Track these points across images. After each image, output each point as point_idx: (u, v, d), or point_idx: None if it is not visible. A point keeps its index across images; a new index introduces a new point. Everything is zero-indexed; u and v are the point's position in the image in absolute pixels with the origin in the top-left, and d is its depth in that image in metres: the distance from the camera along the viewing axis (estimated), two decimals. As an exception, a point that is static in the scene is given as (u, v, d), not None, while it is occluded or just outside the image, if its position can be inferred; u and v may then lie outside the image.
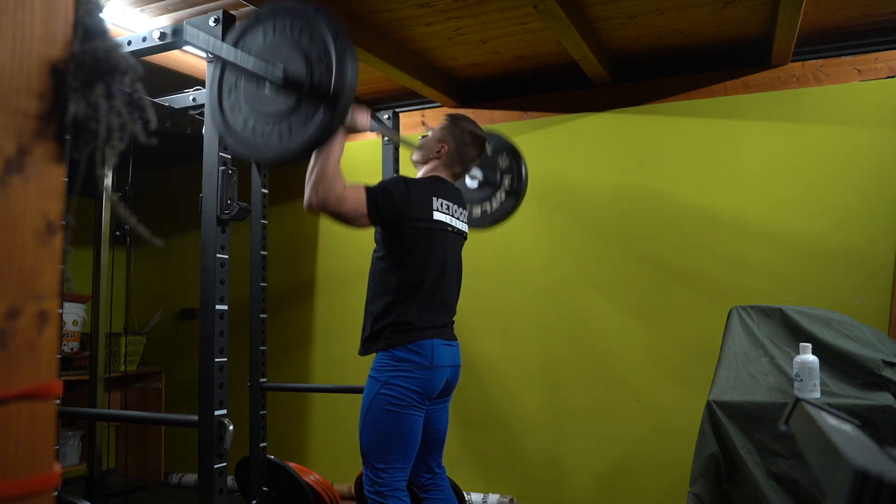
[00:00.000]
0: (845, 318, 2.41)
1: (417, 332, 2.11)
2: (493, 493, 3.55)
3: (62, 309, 3.65)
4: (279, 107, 1.70)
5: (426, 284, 2.15)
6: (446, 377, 2.18)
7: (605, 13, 2.91)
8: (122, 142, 0.59)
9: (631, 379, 3.39)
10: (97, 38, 0.57)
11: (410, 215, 2.11)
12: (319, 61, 1.65)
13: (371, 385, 2.11)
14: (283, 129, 1.69)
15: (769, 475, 2.07)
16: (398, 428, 2.07)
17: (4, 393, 0.51)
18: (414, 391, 2.07)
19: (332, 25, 1.65)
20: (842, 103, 3.13)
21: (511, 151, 2.99)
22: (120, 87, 0.58)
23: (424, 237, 2.15)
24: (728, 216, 3.28)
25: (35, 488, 0.52)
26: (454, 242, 2.30)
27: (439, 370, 2.13)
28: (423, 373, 2.09)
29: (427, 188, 2.20)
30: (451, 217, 2.27)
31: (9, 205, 0.52)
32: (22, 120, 0.53)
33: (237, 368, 3.54)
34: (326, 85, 1.63)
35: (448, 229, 2.24)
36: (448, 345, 2.20)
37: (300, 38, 1.68)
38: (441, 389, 2.18)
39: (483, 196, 3.03)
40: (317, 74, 1.64)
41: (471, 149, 2.32)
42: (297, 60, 1.67)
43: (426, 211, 2.16)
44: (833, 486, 0.58)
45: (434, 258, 2.17)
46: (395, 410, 2.06)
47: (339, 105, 1.62)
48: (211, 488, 1.95)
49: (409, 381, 2.07)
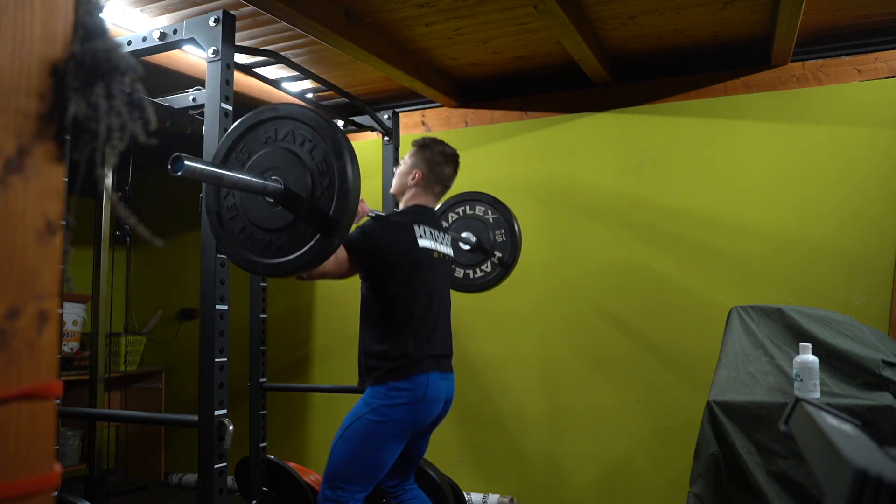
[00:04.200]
0: (845, 318, 2.41)
1: (414, 365, 2.09)
2: (493, 493, 3.55)
3: (62, 309, 3.65)
4: (277, 221, 1.62)
5: (417, 315, 2.14)
6: (437, 412, 2.17)
7: (605, 13, 2.91)
8: (122, 142, 0.59)
9: (631, 379, 3.39)
10: (97, 38, 0.57)
11: (395, 250, 2.12)
12: (321, 176, 1.57)
13: (359, 407, 2.08)
14: (279, 244, 1.63)
15: (769, 475, 2.07)
16: (373, 456, 2.04)
17: (4, 393, 0.51)
18: (401, 423, 2.05)
19: (336, 140, 1.56)
20: (842, 103, 3.13)
21: (510, 230, 3.00)
22: (120, 87, 0.58)
23: (412, 268, 2.15)
24: (728, 216, 3.28)
25: (35, 488, 0.52)
26: (442, 268, 2.31)
27: (432, 404, 2.12)
28: (415, 406, 2.07)
29: (406, 218, 2.23)
30: (435, 242, 2.27)
31: (9, 205, 0.52)
32: (22, 120, 0.53)
33: (237, 368, 3.55)
34: (326, 209, 1.55)
35: (434, 255, 2.25)
36: (444, 378, 2.19)
37: (303, 148, 1.60)
38: (431, 422, 2.17)
39: (472, 261, 3.04)
40: (317, 193, 1.57)
41: (444, 167, 2.32)
42: (298, 173, 1.59)
43: (410, 241, 2.17)
44: (833, 486, 0.58)
45: (424, 288, 2.17)
46: (377, 438, 2.04)
47: (336, 234, 1.56)
48: (211, 488, 1.95)
49: (399, 411, 2.05)
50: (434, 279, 2.22)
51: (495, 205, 3.04)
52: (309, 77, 2.66)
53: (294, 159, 1.60)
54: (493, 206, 3.04)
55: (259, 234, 1.65)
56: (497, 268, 3.00)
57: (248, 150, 1.67)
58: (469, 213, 3.08)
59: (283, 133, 1.63)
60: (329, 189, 1.56)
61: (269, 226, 1.63)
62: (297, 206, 1.59)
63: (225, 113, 2.00)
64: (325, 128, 1.58)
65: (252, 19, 2.88)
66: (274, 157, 1.63)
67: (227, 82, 2.02)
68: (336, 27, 2.78)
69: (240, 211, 1.68)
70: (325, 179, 1.57)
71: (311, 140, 1.60)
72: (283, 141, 1.63)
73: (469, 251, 3.03)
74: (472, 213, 3.07)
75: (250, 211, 1.66)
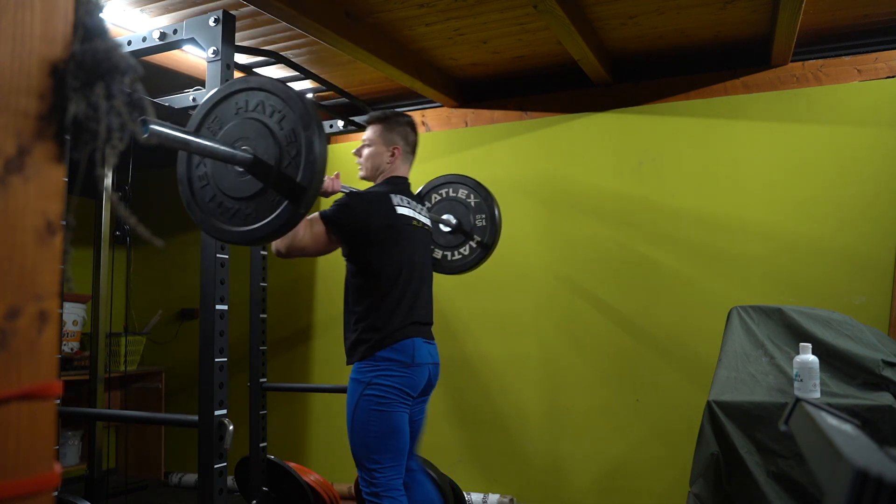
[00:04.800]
0: (845, 318, 2.41)
1: (398, 332, 2.13)
2: (493, 493, 3.55)
3: (62, 309, 3.65)
4: (245, 189, 1.66)
5: (399, 285, 2.17)
6: (428, 374, 2.22)
7: (605, 13, 2.91)
8: (122, 142, 0.59)
9: (631, 379, 3.39)
10: (97, 38, 0.57)
11: (373, 220, 2.15)
12: (289, 146, 1.60)
13: (354, 388, 2.12)
14: (247, 212, 1.66)
15: (769, 475, 2.07)
16: (386, 427, 2.08)
17: (4, 393, 0.51)
18: (398, 389, 2.10)
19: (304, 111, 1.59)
20: (842, 103, 3.13)
21: (490, 215, 3.02)
22: (120, 87, 0.58)
23: (392, 238, 2.18)
24: (728, 216, 3.28)
25: (35, 488, 0.52)
26: (422, 238, 2.33)
27: (421, 367, 2.17)
28: (406, 370, 2.12)
29: (382, 189, 2.27)
30: (413, 211, 2.30)
31: (9, 205, 0.52)
32: (22, 120, 0.53)
33: (237, 368, 3.54)
34: (293, 177, 1.59)
35: (413, 223, 2.28)
36: (427, 343, 2.24)
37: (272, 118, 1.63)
38: (423, 387, 2.21)
39: (451, 243, 3.06)
40: (285, 163, 1.60)
41: (412, 135, 2.37)
42: (267, 143, 1.62)
43: (388, 210, 2.20)
44: (833, 486, 0.58)
45: (404, 256, 2.20)
46: (382, 409, 2.08)
47: (303, 201, 1.59)
48: (211, 488, 1.95)
49: (392, 379, 2.09)
50: (414, 248, 2.25)
51: (477, 189, 3.05)
52: (309, 77, 2.67)
53: (264, 129, 1.63)
54: (475, 190, 3.05)
55: (228, 203, 1.68)
56: (476, 250, 3.01)
57: (220, 121, 1.70)
58: (452, 195, 3.09)
59: (254, 104, 1.66)
60: (296, 158, 1.59)
61: (239, 194, 1.66)
62: (267, 175, 1.62)
63: (225, 113, 1.99)
64: (293, 99, 1.61)
65: (252, 19, 2.88)
66: (244, 127, 1.66)
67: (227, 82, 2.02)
68: (336, 27, 2.78)
69: (210, 180, 1.71)
70: (292, 149, 1.60)
71: (281, 111, 1.62)
72: (254, 111, 1.66)
73: (449, 233, 3.04)
74: (455, 196, 3.08)
75: (220, 180, 1.69)
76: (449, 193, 3.09)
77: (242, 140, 1.65)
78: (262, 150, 1.62)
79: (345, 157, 4.16)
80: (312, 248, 2.09)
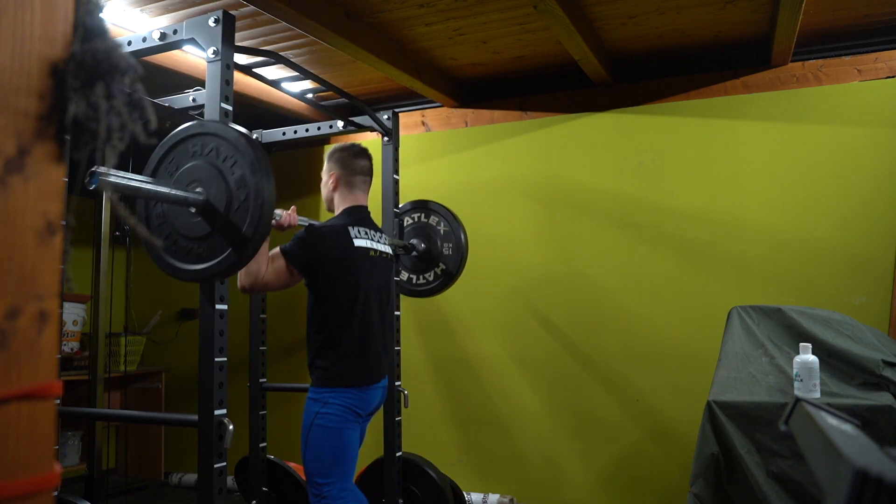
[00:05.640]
0: (845, 318, 2.41)
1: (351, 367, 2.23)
2: (494, 493, 3.55)
3: (62, 309, 3.65)
4: (198, 230, 1.72)
5: (356, 314, 2.25)
6: (379, 396, 2.34)
7: (605, 13, 2.91)
8: (122, 142, 0.59)
9: (631, 379, 3.39)
10: (97, 38, 0.57)
11: (330, 253, 2.21)
12: (239, 190, 1.67)
13: (310, 406, 2.22)
14: (199, 251, 1.73)
15: (769, 475, 2.07)
16: (337, 444, 2.19)
17: (4, 393, 0.51)
18: (349, 409, 2.21)
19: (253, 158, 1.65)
20: (842, 103, 3.13)
21: (457, 245, 3.10)
22: (120, 87, 0.58)
23: (348, 269, 2.24)
24: (728, 216, 3.28)
25: (35, 488, 0.52)
26: (381, 266, 2.39)
27: (373, 390, 2.28)
28: (359, 392, 2.23)
29: (340, 220, 2.33)
30: (371, 241, 2.35)
31: (9, 205, 0.52)
32: (22, 120, 0.53)
33: (237, 368, 3.54)
34: (241, 224, 1.66)
35: (371, 253, 2.33)
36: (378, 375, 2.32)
37: (224, 163, 1.70)
38: (374, 407, 2.33)
39: (418, 267, 3.16)
40: (234, 206, 1.67)
41: (357, 161, 2.41)
42: (219, 186, 1.69)
43: (344, 242, 2.25)
44: (833, 486, 0.58)
45: (361, 286, 2.26)
46: (334, 427, 2.18)
47: (246, 251, 1.66)
48: (211, 488, 1.95)
49: (345, 399, 2.20)
50: (371, 277, 2.31)
51: (447, 217, 3.14)
52: (309, 77, 2.66)
53: (216, 173, 1.71)
54: (445, 218, 3.14)
55: (182, 242, 1.76)
56: (440, 277, 3.11)
57: (176, 163, 1.78)
58: (423, 221, 3.18)
59: (209, 148, 1.74)
60: (245, 203, 1.66)
61: (191, 234, 1.74)
62: (215, 219, 1.70)
63: (225, 113, 1.99)
64: (244, 146, 1.69)
65: (252, 19, 2.88)
66: (199, 169, 1.73)
67: (227, 82, 2.02)
68: (336, 27, 2.78)
69: (166, 219, 1.78)
70: (242, 193, 1.67)
71: (232, 156, 1.70)
72: (208, 156, 1.73)
73: (416, 257, 3.15)
74: (426, 223, 3.17)
75: (175, 219, 1.76)
76: (420, 219, 3.18)
77: (197, 182, 1.73)
78: (214, 192, 1.69)
79: (345, 157, 4.16)
80: (275, 283, 2.16)
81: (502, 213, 3.70)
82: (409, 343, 3.76)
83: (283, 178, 3.86)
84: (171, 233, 1.77)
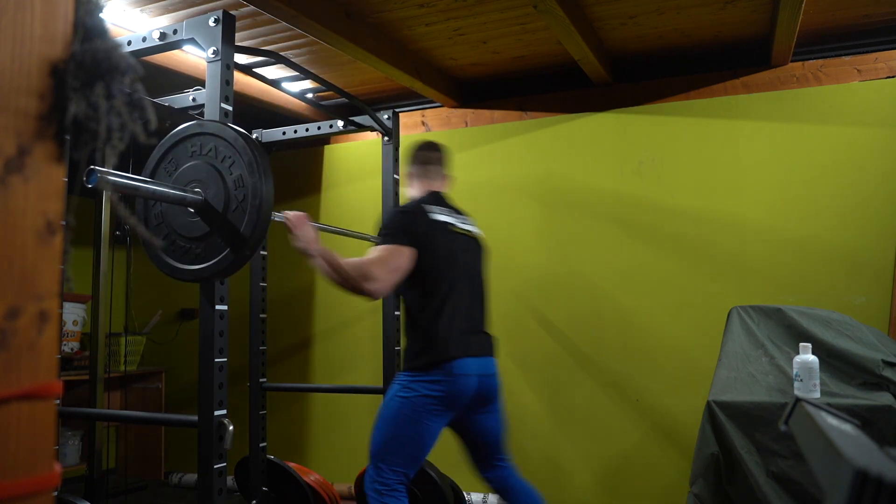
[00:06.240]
0: (845, 318, 2.41)
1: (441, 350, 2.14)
2: (494, 493, 3.54)
3: (62, 309, 3.65)
4: (196, 230, 1.73)
5: (444, 295, 2.20)
6: (473, 386, 2.18)
7: (605, 13, 2.91)
8: (122, 142, 0.59)
9: (631, 379, 3.38)
10: (97, 38, 0.57)
11: (416, 228, 2.21)
12: (237, 190, 1.68)
13: (395, 387, 2.18)
14: (197, 251, 1.73)
15: (769, 475, 2.07)
16: (411, 433, 2.12)
17: (4, 393, 0.51)
18: (434, 398, 2.11)
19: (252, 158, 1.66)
20: (842, 103, 3.13)
21: None
22: (120, 87, 0.58)
23: (432, 244, 2.21)
24: (728, 216, 3.28)
25: (35, 488, 0.52)
26: (465, 244, 2.35)
27: (462, 379, 2.14)
28: (445, 382, 2.12)
29: (417, 201, 2.34)
30: (450, 217, 2.34)
31: (9, 205, 0.52)
32: (22, 120, 0.53)
33: (237, 368, 3.54)
34: (238, 224, 1.67)
35: (450, 227, 2.30)
36: (473, 358, 2.21)
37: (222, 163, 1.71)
38: (472, 398, 2.19)
39: None
40: (232, 206, 1.67)
41: (428, 153, 2.48)
42: (217, 186, 1.69)
43: (423, 217, 2.24)
44: (833, 486, 0.58)
45: (447, 264, 2.23)
46: (412, 416, 2.11)
47: (244, 251, 1.66)
48: (211, 488, 1.95)
49: (430, 388, 2.12)
50: (457, 253, 2.28)
51: None
52: (309, 77, 2.66)
53: (215, 173, 1.71)
54: None
55: (181, 242, 1.76)
56: None
57: (175, 163, 1.78)
58: None
59: (207, 148, 1.74)
60: (243, 203, 1.67)
61: (190, 234, 1.74)
62: (213, 219, 1.70)
63: (225, 113, 2.00)
64: (242, 146, 1.69)
65: (252, 19, 2.88)
66: (198, 169, 1.74)
67: (227, 82, 2.02)
68: (336, 27, 2.78)
69: (165, 219, 1.79)
70: (240, 194, 1.68)
71: (231, 156, 1.70)
72: (207, 156, 1.74)
73: None
74: None
75: (174, 219, 1.77)
76: None
77: (196, 182, 1.73)
78: (212, 192, 1.70)
79: (344, 157, 4.16)
80: (405, 268, 2.13)
81: (502, 213, 3.69)
82: (409, 343, 3.76)
83: (283, 178, 3.87)
84: (170, 233, 1.77)
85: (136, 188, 1.59)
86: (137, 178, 1.62)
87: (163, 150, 1.81)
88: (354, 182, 4.09)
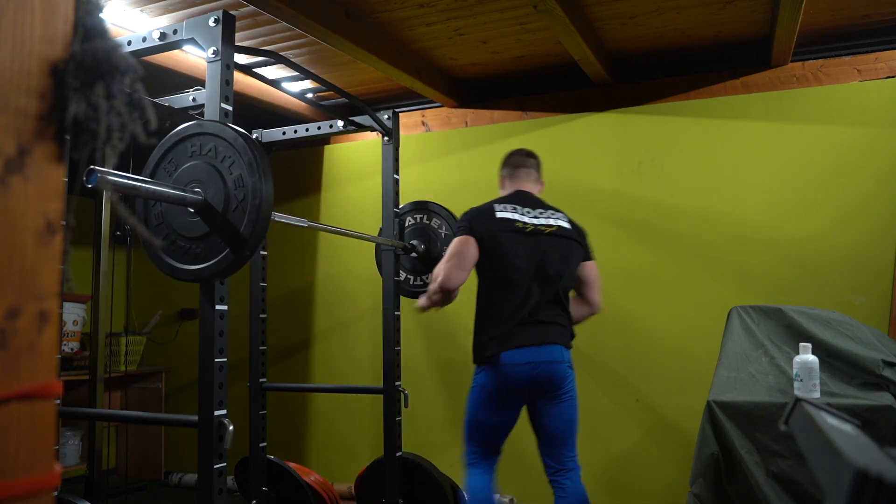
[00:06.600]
0: (845, 318, 2.41)
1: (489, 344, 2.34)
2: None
3: (62, 309, 3.65)
4: (195, 230, 1.73)
5: (503, 291, 2.35)
6: (523, 374, 2.32)
7: (605, 13, 2.91)
8: (122, 142, 0.59)
9: (631, 379, 3.38)
10: (97, 38, 0.57)
11: (480, 228, 2.38)
12: (237, 190, 1.68)
13: (473, 380, 2.44)
14: (197, 251, 1.74)
15: (769, 475, 2.07)
16: (475, 419, 2.40)
17: (4, 393, 0.51)
18: (488, 389, 2.34)
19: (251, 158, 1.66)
20: (842, 103, 3.13)
21: None
22: (120, 87, 0.58)
23: (494, 243, 2.36)
24: (728, 216, 3.28)
25: (35, 488, 0.52)
26: (536, 240, 2.41)
27: (508, 368, 2.31)
28: (493, 373, 2.33)
29: (489, 202, 2.47)
30: (521, 215, 2.42)
31: (9, 205, 0.52)
32: (22, 120, 0.53)
33: (237, 368, 3.54)
34: (238, 224, 1.67)
35: (517, 224, 2.39)
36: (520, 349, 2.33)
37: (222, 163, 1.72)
38: (527, 385, 2.33)
39: (416, 268, 3.24)
40: (232, 206, 1.68)
41: (513, 157, 2.67)
42: (217, 186, 1.70)
43: (488, 217, 2.40)
44: (833, 486, 0.58)
45: (507, 262, 2.35)
46: (477, 405, 2.38)
47: (244, 251, 1.67)
48: (211, 488, 1.95)
49: (485, 378, 2.35)
50: (520, 250, 2.37)
51: (449, 221, 3.20)
52: (309, 77, 2.66)
53: (215, 173, 1.71)
54: (447, 221, 3.20)
55: (181, 242, 1.77)
56: None
57: (175, 163, 1.79)
58: (424, 222, 3.23)
59: (207, 148, 1.75)
60: (243, 203, 1.68)
61: (190, 234, 1.75)
62: (213, 219, 1.70)
63: (225, 113, 1.99)
64: (242, 146, 1.69)
65: (252, 19, 2.88)
66: (198, 169, 1.74)
67: (227, 82, 2.02)
68: (336, 27, 2.78)
69: (165, 219, 1.79)
70: (240, 194, 1.69)
71: (231, 156, 1.71)
72: (207, 156, 1.74)
73: (416, 258, 3.20)
74: (427, 224, 3.23)
75: (173, 219, 1.77)
76: (422, 220, 3.24)
77: (196, 182, 1.74)
78: (212, 192, 1.71)
79: (344, 157, 4.16)
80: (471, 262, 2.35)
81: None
82: (409, 343, 3.76)
83: (283, 178, 3.87)
84: (170, 233, 1.78)
85: (136, 188, 1.59)
86: (137, 178, 1.63)
87: (163, 150, 1.81)
88: (354, 182, 4.09)
